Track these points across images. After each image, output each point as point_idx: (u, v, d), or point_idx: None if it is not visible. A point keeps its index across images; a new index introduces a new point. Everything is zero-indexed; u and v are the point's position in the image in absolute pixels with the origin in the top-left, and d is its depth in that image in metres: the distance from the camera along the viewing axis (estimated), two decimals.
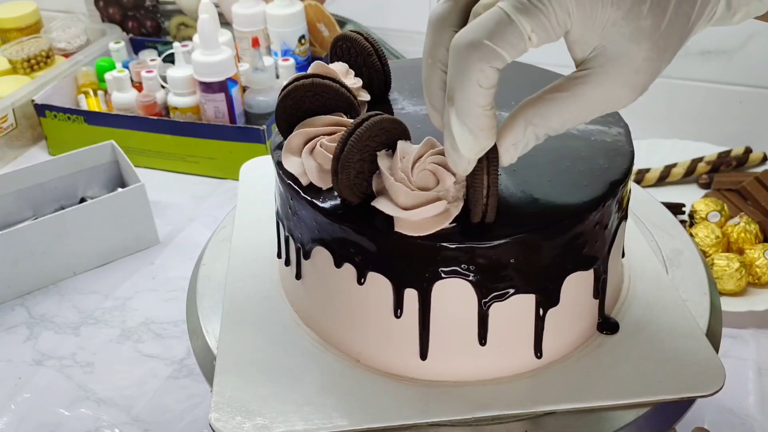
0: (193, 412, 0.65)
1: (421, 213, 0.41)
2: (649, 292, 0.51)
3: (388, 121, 0.43)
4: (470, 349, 0.45)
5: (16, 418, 0.65)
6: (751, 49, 0.96)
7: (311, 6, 1.05)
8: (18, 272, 0.77)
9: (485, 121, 0.36)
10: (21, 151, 1.03)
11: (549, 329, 0.45)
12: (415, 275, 0.43)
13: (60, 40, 1.14)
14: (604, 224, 0.45)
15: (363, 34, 0.54)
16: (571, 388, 0.45)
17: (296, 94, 0.47)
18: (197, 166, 0.96)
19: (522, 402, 0.44)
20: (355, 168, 0.42)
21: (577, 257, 0.45)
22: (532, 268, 0.43)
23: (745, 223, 0.75)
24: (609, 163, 0.46)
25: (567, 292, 0.45)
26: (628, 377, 0.45)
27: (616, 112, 0.52)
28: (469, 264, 0.42)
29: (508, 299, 0.43)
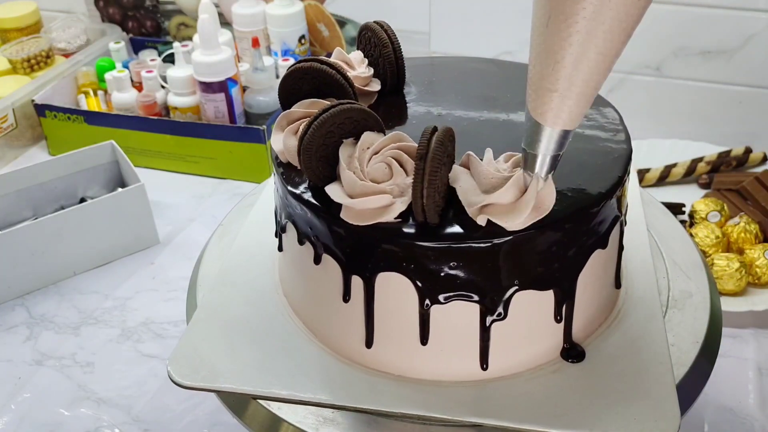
0: (193, 412, 0.65)
1: (363, 203, 0.42)
2: (636, 327, 0.49)
3: (356, 111, 0.44)
4: (412, 346, 0.45)
5: (16, 418, 0.65)
6: (751, 49, 0.96)
7: (311, 6, 1.05)
8: (18, 272, 0.77)
9: None
10: (21, 151, 1.03)
11: (497, 343, 0.45)
12: (360, 263, 0.44)
13: (60, 40, 1.14)
14: (564, 247, 0.43)
15: (384, 26, 0.55)
16: (515, 407, 0.44)
17: (295, 75, 0.49)
18: (197, 166, 0.96)
19: (465, 410, 0.44)
20: (318, 152, 0.44)
21: (528, 276, 0.43)
22: (474, 277, 0.43)
23: (745, 223, 0.75)
24: (588, 185, 0.45)
25: (518, 310, 0.44)
26: (571, 408, 0.43)
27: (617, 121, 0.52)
28: (408, 261, 0.43)
29: (450, 304, 0.44)
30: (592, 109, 0.53)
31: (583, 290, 0.46)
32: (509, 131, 0.51)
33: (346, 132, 0.44)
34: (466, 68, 0.60)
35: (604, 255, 0.47)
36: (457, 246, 0.42)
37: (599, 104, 0.54)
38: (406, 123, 0.53)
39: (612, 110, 0.53)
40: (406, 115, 0.54)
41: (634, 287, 0.52)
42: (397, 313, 0.45)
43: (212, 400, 0.51)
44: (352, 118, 0.44)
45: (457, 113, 0.53)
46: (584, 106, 0.39)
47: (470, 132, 0.51)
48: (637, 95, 1.04)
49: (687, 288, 0.53)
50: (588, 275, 0.46)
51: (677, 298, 0.52)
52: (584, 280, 0.46)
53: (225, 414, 0.49)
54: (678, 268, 0.55)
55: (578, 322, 0.47)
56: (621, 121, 0.52)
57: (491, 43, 1.07)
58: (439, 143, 0.40)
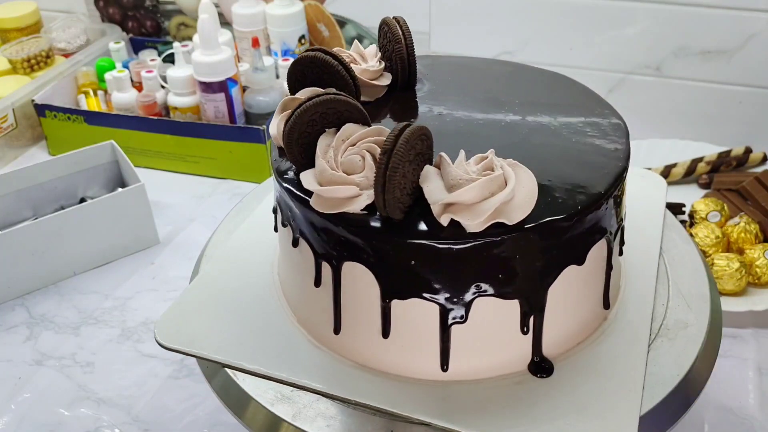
0: (193, 412, 0.65)
1: (330, 191, 0.43)
2: (615, 350, 0.48)
3: (340, 102, 0.45)
4: (375, 338, 0.46)
5: (16, 418, 0.65)
6: (751, 49, 0.96)
7: (311, 6, 1.05)
8: (18, 272, 0.77)
9: None
10: (21, 151, 1.03)
11: (459, 346, 0.45)
12: (328, 250, 0.45)
13: (60, 40, 1.14)
14: (530, 258, 0.43)
15: (400, 22, 0.55)
16: (468, 412, 0.44)
17: (302, 63, 0.51)
18: (197, 166, 0.96)
19: (421, 409, 0.44)
20: (300, 139, 0.45)
21: (490, 282, 0.43)
22: (434, 277, 0.43)
23: (745, 223, 0.75)
24: (566, 198, 0.44)
25: (481, 315, 0.44)
26: (524, 422, 0.43)
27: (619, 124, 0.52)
28: (370, 254, 0.43)
29: (410, 301, 0.44)
30: (595, 117, 0.52)
31: (556, 305, 0.45)
32: (507, 133, 0.51)
33: (329, 122, 0.45)
34: (486, 70, 0.60)
35: (583, 272, 0.46)
36: (417, 244, 0.42)
37: (600, 108, 0.53)
38: (401, 119, 0.53)
39: (618, 120, 0.52)
40: (406, 112, 0.54)
41: (627, 310, 0.51)
42: (361, 303, 0.46)
43: (212, 400, 0.51)
44: (336, 109, 0.45)
45: (458, 113, 0.53)
46: None
47: (466, 133, 0.51)
48: (637, 95, 1.04)
49: (685, 318, 0.51)
50: (562, 291, 0.45)
51: (670, 327, 0.50)
52: (557, 295, 0.45)
53: (225, 414, 0.49)
54: (681, 297, 0.53)
55: (551, 337, 0.46)
56: (622, 132, 0.51)
57: (491, 43, 1.07)
58: (405, 141, 0.40)
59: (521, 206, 0.42)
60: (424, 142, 0.43)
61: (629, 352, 0.47)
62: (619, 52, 1.02)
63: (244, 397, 0.47)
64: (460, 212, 0.41)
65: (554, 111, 0.53)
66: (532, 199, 0.42)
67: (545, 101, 0.54)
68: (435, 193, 0.42)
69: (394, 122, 0.52)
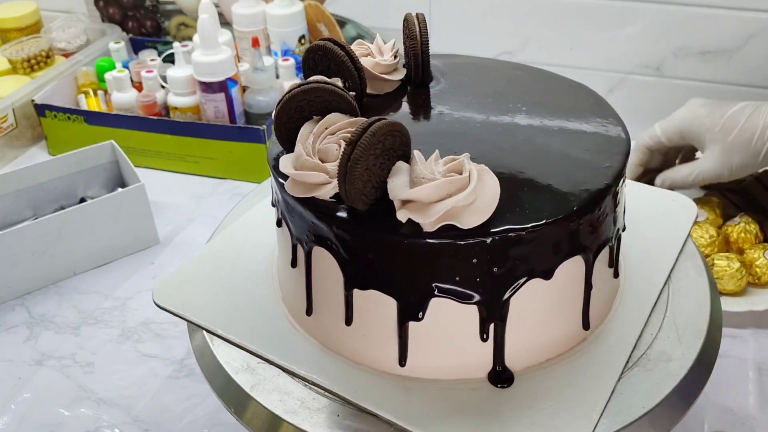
0: (193, 412, 0.65)
1: (301, 176, 0.44)
2: (585, 372, 0.46)
3: (327, 91, 0.46)
4: (340, 324, 0.47)
5: (16, 418, 0.65)
6: (751, 49, 0.96)
7: (311, 6, 1.05)
8: (18, 272, 0.77)
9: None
10: (21, 151, 1.03)
11: (416, 343, 0.45)
12: (300, 234, 0.47)
13: (60, 40, 1.14)
14: (487, 264, 0.42)
15: (419, 18, 0.56)
16: (416, 409, 0.44)
17: (314, 51, 0.52)
18: (197, 166, 0.96)
19: (373, 399, 0.45)
20: (287, 123, 0.47)
21: (447, 284, 0.43)
22: (390, 272, 0.44)
23: (745, 223, 0.75)
24: (534, 209, 0.43)
25: (438, 315, 0.44)
26: (468, 427, 0.43)
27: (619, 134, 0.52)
28: (333, 242, 0.44)
29: (369, 292, 0.45)
30: (598, 127, 0.51)
31: (521, 317, 0.45)
32: (499, 136, 0.50)
33: (316, 110, 0.47)
34: (506, 73, 0.60)
35: (552, 287, 0.45)
36: (374, 236, 0.43)
37: (608, 117, 0.53)
38: (398, 115, 0.54)
39: (623, 135, 0.50)
40: (406, 108, 0.55)
41: (611, 334, 0.49)
42: (328, 288, 0.47)
43: (212, 400, 0.51)
44: (323, 98, 0.46)
45: (458, 114, 0.53)
46: None
47: (459, 133, 0.51)
48: (637, 95, 1.04)
49: (670, 352, 0.48)
50: (527, 303, 0.44)
51: (652, 358, 0.48)
52: (522, 307, 0.44)
53: (225, 414, 0.49)
54: (675, 329, 0.50)
55: (516, 349, 0.46)
56: (620, 149, 0.49)
57: (491, 43, 1.07)
58: (372, 134, 0.41)
59: (478, 212, 0.41)
60: (397, 139, 0.43)
61: (598, 378, 0.46)
62: (619, 52, 1.02)
63: (245, 397, 0.47)
64: (415, 210, 0.41)
65: (559, 118, 0.52)
66: (491, 206, 0.41)
67: (553, 108, 0.53)
68: (396, 189, 0.42)
69: (389, 116, 0.53)
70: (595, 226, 0.45)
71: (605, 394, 0.44)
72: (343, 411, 0.46)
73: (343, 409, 0.46)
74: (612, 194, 0.46)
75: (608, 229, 0.47)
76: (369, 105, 0.54)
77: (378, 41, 0.57)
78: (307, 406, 0.46)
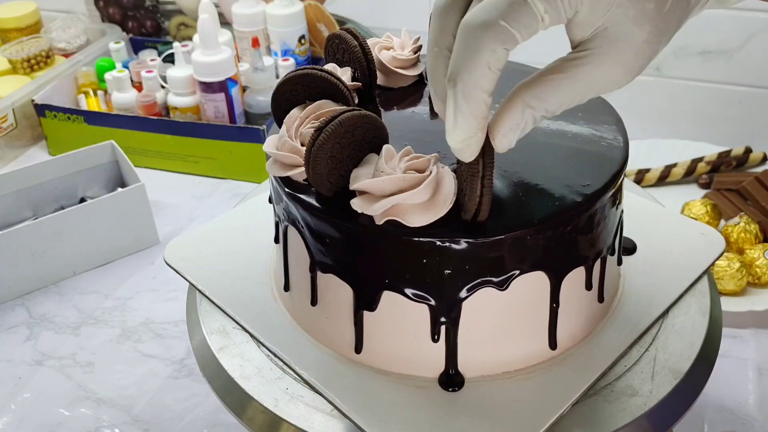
0: (193, 412, 0.65)
1: (278, 156, 0.46)
2: (538, 392, 0.45)
3: (320, 79, 0.48)
4: (307, 303, 0.49)
5: (16, 418, 0.65)
6: (751, 49, 0.96)
7: (311, 6, 1.05)
8: (18, 272, 0.77)
9: (483, 108, 0.36)
10: (21, 151, 1.03)
11: (370, 333, 0.46)
12: (279, 212, 0.49)
13: (60, 40, 1.14)
14: (433, 264, 0.42)
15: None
16: (358, 399, 0.44)
17: (334, 38, 0.54)
18: (197, 166, 0.96)
19: (322, 379, 0.46)
20: (281, 107, 0.49)
21: (394, 277, 0.43)
22: (342, 259, 0.45)
23: (745, 223, 0.75)
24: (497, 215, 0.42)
25: (390, 308, 0.44)
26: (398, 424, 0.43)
27: (615, 120, 0.51)
28: (300, 222, 0.46)
29: (329, 276, 0.46)
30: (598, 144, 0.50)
31: (475, 323, 0.44)
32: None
33: (310, 95, 0.48)
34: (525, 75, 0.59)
35: (507, 299, 0.43)
36: (328, 221, 0.43)
37: (604, 116, 0.52)
38: (399, 109, 0.54)
39: (618, 156, 0.48)
40: (408, 104, 0.55)
41: (580, 358, 0.47)
42: (299, 266, 0.48)
43: (212, 400, 0.51)
44: (317, 85, 0.48)
45: None
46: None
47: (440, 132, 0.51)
48: (637, 95, 1.04)
49: (638, 388, 0.46)
50: (481, 311, 0.44)
51: (615, 390, 0.45)
52: (476, 314, 0.44)
53: (225, 414, 0.49)
54: (651, 366, 0.47)
55: (470, 355, 0.45)
56: (606, 170, 0.46)
57: None
58: (339, 123, 0.42)
59: (427, 212, 0.41)
60: (369, 131, 0.43)
61: (550, 400, 0.44)
62: None
63: (244, 397, 0.47)
64: (366, 202, 0.42)
65: (562, 123, 0.51)
66: (442, 208, 0.41)
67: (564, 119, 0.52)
68: (355, 179, 0.43)
69: (385, 111, 0.53)
70: (561, 244, 0.43)
71: (551, 416, 0.43)
72: (293, 385, 0.47)
73: (294, 384, 0.47)
74: (587, 214, 0.44)
75: (582, 248, 0.45)
76: (380, 97, 0.55)
77: (404, 36, 0.57)
78: (262, 375, 0.47)
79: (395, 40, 0.57)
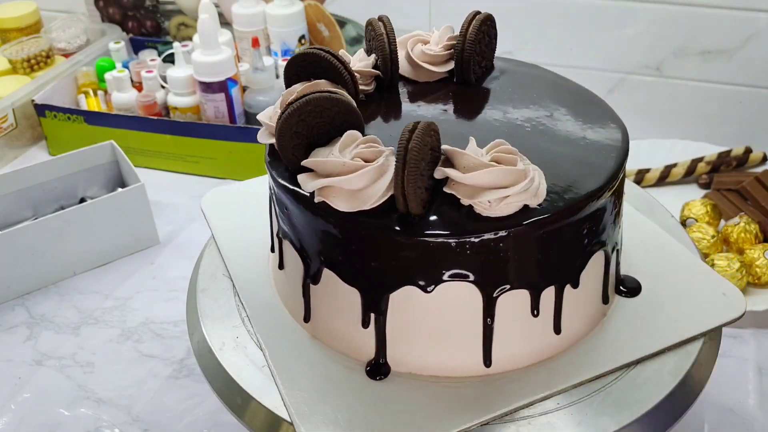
0: (193, 412, 0.65)
1: (268, 127, 0.48)
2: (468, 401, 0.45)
3: (320, 59, 0.50)
4: (276, 265, 0.54)
5: (16, 418, 0.65)
6: (751, 49, 0.96)
7: (311, 6, 1.05)
8: (18, 272, 0.77)
9: None
10: (21, 151, 1.03)
11: (316, 307, 0.49)
12: (269, 184, 0.52)
13: (60, 40, 1.14)
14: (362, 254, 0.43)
15: (473, 20, 0.58)
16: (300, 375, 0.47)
17: (368, 27, 0.56)
18: (197, 166, 0.96)
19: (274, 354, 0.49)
20: (291, 82, 0.51)
21: (331, 261, 0.46)
22: (293, 230, 0.48)
23: (745, 223, 0.75)
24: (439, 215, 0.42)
25: (329, 287, 0.47)
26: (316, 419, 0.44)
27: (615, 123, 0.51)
28: (272, 190, 0.50)
29: (286, 242, 0.50)
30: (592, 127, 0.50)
31: (403, 319, 0.45)
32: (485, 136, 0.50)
33: (316, 74, 0.50)
34: (541, 79, 0.59)
35: (433, 303, 0.44)
36: (285, 190, 0.46)
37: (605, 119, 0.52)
38: (407, 103, 0.55)
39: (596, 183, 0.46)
40: (430, 99, 0.55)
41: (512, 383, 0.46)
42: (273, 231, 0.54)
43: (212, 400, 0.51)
44: (320, 65, 0.50)
45: (460, 113, 0.54)
46: None
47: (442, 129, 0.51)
48: (637, 95, 1.04)
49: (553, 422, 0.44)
50: (407, 309, 0.44)
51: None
52: (402, 311, 0.44)
53: (225, 414, 0.49)
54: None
55: (399, 348, 0.46)
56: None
57: None
58: (306, 102, 0.44)
59: (353, 199, 0.43)
60: (340, 115, 0.45)
61: (462, 414, 0.44)
62: (619, 52, 1.02)
63: (244, 397, 0.47)
64: (307, 179, 0.45)
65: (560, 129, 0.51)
66: (368, 200, 0.42)
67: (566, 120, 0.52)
68: (312, 155, 0.45)
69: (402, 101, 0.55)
70: (493, 261, 0.42)
71: (454, 428, 0.43)
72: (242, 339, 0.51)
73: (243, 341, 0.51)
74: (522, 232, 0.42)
75: (523, 270, 0.44)
76: (404, 87, 0.57)
77: (443, 32, 0.59)
78: (263, 375, 0.48)
79: (435, 35, 0.59)
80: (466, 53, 0.56)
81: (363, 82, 0.54)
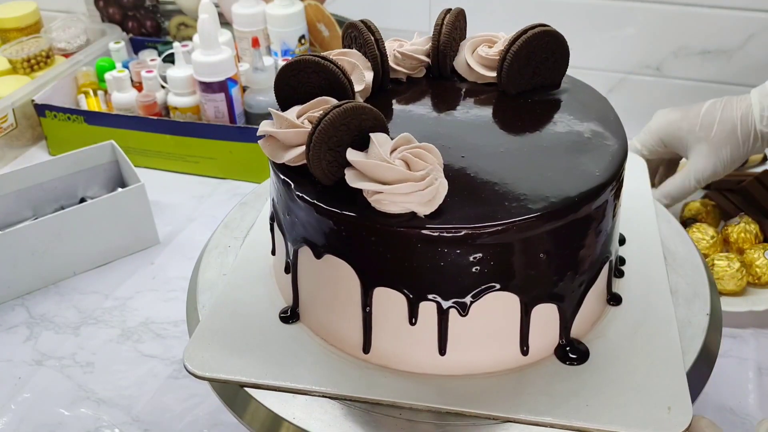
0: (193, 412, 0.65)
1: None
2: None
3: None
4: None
5: (16, 418, 0.65)
6: (751, 49, 0.96)
7: (311, 6, 1.05)
8: (18, 272, 0.77)
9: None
10: (21, 151, 1.03)
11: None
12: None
13: (60, 40, 1.14)
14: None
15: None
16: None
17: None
18: (197, 166, 0.96)
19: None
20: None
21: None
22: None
23: (745, 223, 0.75)
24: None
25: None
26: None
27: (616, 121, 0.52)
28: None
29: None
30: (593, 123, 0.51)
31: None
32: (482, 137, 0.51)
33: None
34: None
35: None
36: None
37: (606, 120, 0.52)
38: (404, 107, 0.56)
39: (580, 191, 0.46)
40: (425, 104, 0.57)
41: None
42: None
43: (212, 400, 0.51)
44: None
45: (457, 112, 0.54)
46: None
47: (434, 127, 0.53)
48: (637, 95, 1.04)
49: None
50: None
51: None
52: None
53: (225, 414, 0.49)
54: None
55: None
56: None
57: None
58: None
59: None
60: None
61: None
62: (619, 52, 1.02)
63: (244, 397, 0.47)
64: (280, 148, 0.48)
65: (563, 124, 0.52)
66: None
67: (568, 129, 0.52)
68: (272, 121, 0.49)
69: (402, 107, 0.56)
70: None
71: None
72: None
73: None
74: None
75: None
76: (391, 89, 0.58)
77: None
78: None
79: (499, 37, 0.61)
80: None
81: (408, 67, 0.58)
